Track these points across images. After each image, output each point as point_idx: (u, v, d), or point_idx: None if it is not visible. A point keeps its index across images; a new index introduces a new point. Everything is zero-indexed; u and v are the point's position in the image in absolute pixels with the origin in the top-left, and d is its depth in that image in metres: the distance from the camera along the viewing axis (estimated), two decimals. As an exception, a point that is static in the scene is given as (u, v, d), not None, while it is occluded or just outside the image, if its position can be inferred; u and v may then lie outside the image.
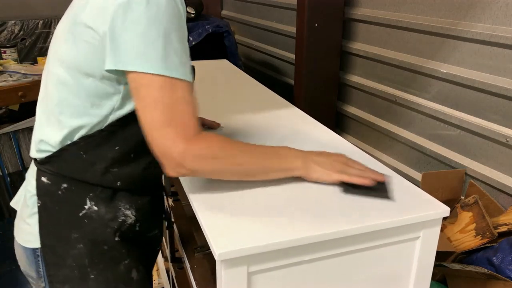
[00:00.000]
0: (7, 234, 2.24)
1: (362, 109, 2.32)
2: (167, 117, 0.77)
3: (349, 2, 2.26)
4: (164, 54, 0.76)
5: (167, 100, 0.77)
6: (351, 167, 0.93)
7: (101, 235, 0.92)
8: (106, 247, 0.93)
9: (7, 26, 2.88)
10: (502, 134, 1.57)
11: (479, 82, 1.63)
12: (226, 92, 1.59)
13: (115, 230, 0.93)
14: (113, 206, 0.93)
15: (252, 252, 0.75)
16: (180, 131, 0.77)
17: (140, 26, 0.75)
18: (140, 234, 0.99)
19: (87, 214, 0.91)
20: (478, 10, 1.62)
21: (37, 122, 0.94)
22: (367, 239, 0.84)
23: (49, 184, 0.91)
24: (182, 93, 0.78)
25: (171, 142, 0.77)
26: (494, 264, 1.38)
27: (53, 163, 0.90)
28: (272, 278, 0.80)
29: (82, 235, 0.91)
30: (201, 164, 0.80)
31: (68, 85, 0.86)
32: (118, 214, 0.93)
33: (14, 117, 2.58)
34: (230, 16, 3.71)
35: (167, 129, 0.77)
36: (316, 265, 0.83)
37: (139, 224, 0.97)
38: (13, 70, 2.45)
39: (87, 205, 0.91)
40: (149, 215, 1.00)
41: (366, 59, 2.22)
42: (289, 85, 2.84)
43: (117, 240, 0.93)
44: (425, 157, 1.94)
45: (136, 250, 0.98)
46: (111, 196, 0.92)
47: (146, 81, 0.76)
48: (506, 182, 1.58)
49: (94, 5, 0.79)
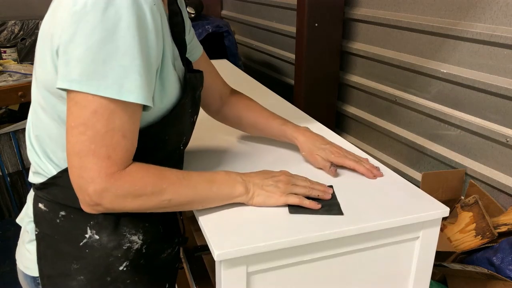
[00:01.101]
0: (7, 234, 2.25)
1: (362, 109, 2.32)
2: (93, 147, 0.68)
3: (349, 2, 2.26)
4: (118, 74, 0.66)
5: (100, 127, 0.68)
6: (296, 185, 0.86)
7: (103, 266, 0.83)
8: (109, 278, 0.84)
9: (7, 26, 2.88)
10: (502, 134, 1.57)
11: (479, 82, 1.62)
12: (226, 92, 1.58)
13: (119, 259, 0.84)
14: (117, 233, 0.83)
15: (251, 253, 0.75)
16: (104, 165, 0.69)
17: (91, 39, 0.65)
18: (150, 257, 0.89)
19: (88, 244, 0.82)
20: (478, 10, 1.62)
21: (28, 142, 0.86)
22: (366, 239, 0.84)
23: (46, 212, 0.83)
24: (121, 124, 0.69)
25: (89, 176, 0.69)
26: (494, 264, 1.38)
27: (49, 190, 0.83)
28: (271, 278, 0.80)
29: (83, 266, 0.83)
30: (122, 203, 0.73)
31: (43, 108, 0.78)
32: (122, 242, 0.83)
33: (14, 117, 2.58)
34: (230, 16, 3.71)
35: (89, 160, 0.68)
36: (315, 265, 0.83)
37: (146, 246, 0.87)
38: (13, 70, 2.45)
39: (88, 233, 0.82)
40: (158, 236, 0.90)
41: (366, 59, 2.22)
42: (289, 85, 2.84)
43: (122, 269, 0.84)
44: (425, 157, 1.94)
45: (145, 278, 0.88)
46: (115, 222, 0.83)
47: (82, 101, 0.67)
48: (506, 182, 1.58)
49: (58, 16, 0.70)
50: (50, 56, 0.72)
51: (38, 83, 0.78)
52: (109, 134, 0.69)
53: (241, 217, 0.82)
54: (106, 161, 0.69)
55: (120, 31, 0.66)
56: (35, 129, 0.82)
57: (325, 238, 0.79)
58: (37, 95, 0.79)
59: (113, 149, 0.69)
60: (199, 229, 0.82)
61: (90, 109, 0.67)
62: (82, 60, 0.66)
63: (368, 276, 0.89)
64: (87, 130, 0.68)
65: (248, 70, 3.05)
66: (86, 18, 0.65)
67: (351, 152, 1.04)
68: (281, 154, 1.10)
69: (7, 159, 2.50)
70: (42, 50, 0.75)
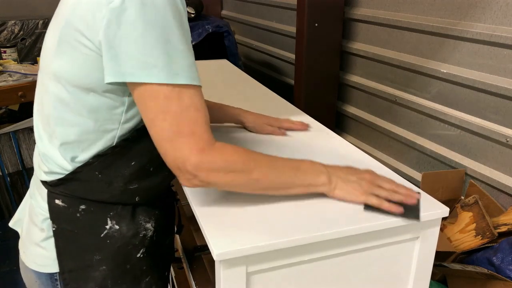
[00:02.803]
0: (7, 234, 2.24)
1: (362, 109, 2.32)
2: (177, 128, 0.72)
3: (349, 2, 2.26)
4: (166, 60, 0.71)
5: (175, 109, 0.72)
6: (380, 187, 0.86)
7: (124, 254, 0.88)
8: (128, 266, 0.89)
9: (7, 26, 2.88)
10: (502, 134, 1.57)
11: (479, 82, 1.62)
12: (226, 92, 1.59)
13: (137, 247, 0.90)
14: (134, 222, 0.89)
15: (250, 252, 0.75)
16: (193, 141, 0.73)
17: (136, 31, 0.69)
18: (158, 244, 0.95)
19: (109, 234, 0.87)
20: (478, 10, 1.62)
21: (38, 140, 0.87)
22: (366, 239, 0.84)
23: (65, 207, 0.85)
24: (190, 100, 0.73)
25: (184, 154, 0.73)
26: (494, 264, 1.38)
27: (67, 185, 0.85)
28: (271, 278, 0.80)
29: (105, 257, 0.87)
30: (215, 177, 0.76)
31: (66, 103, 0.80)
32: (139, 230, 0.89)
33: (14, 117, 2.58)
34: (230, 16, 3.71)
35: (179, 141, 0.73)
36: (315, 265, 0.83)
37: (156, 234, 0.93)
38: (13, 70, 2.45)
39: (108, 224, 0.86)
40: (164, 222, 0.97)
41: (366, 59, 2.22)
42: (289, 85, 2.84)
43: (139, 256, 0.90)
44: (425, 157, 1.94)
45: (156, 264, 0.95)
46: (132, 212, 0.88)
47: (150, 92, 0.72)
48: (506, 182, 1.58)
49: (85, 10, 0.72)
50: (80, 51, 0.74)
51: (57, 78, 0.79)
52: (186, 113, 0.73)
53: (240, 217, 0.82)
54: (193, 137, 0.73)
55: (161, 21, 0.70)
56: (55, 125, 0.83)
57: (325, 238, 0.79)
58: (54, 89, 0.80)
59: (195, 125, 0.73)
60: (199, 229, 0.82)
61: (161, 97, 0.72)
62: (131, 52, 0.70)
63: (368, 276, 0.89)
64: (165, 116, 0.72)
65: (248, 70, 3.05)
66: (126, 13, 0.69)
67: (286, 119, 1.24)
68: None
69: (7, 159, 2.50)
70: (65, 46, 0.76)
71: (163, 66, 0.70)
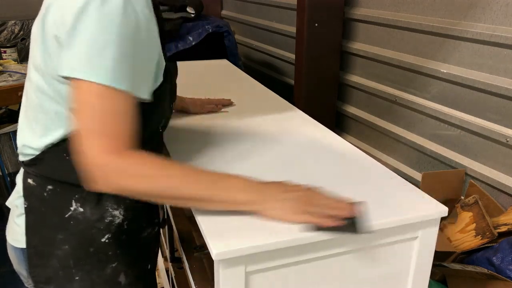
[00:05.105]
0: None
1: (362, 109, 2.32)
2: (98, 126, 0.74)
3: (349, 2, 2.25)
4: (111, 64, 0.73)
5: (104, 109, 0.74)
6: (317, 205, 0.80)
7: (87, 237, 0.90)
8: (92, 248, 0.91)
9: (7, 26, 2.88)
10: (502, 134, 1.57)
11: (479, 82, 1.62)
12: (226, 92, 1.59)
13: (101, 231, 0.91)
14: (99, 207, 0.90)
15: (249, 252, 0.75)
16: (108, 142, 0.74)
17: (90, 32, 0.73)
18: (131, 234, 0.96)
19: (73, 216, 0.89)
20: (478, 10, 1.61)
21: (19, 128, 0.93)
22: (364, 239, 0.84)
23: (34, 186, 0.90)
24: (123, 106, 0.75)
25: (95, 153, 0.74)
26: (494, 264, 1.38)
27: (38, 165, 0.89)
28: (269, 278, 0.80)
29: (68, 237, 0.90)
30: (126, 182, 0.75)
31: (45, 91, 0.84)
32: (105, 215, 0.91)
33: (14, 117, 2.58)
34: (230, 16, 3.71)
35: (95, 139, 0.74)
36: (314, 265, 0.83)
37: (127, 222, 0.94)
38: (13, 70, 2.45)
39: (73, 206, 0.89)
40: (139, 213, 0.97)
41: (366, 59, 2.22)
42: (289, 85, 2.84)
43: (104, 241, 0.91)
44: (425, 157, 1.94)
45: (127, 253, 0.96)
46: (98, 197, 0.90)
47: (86, 87, 0.74)
48: (506, 182, 1.58)
49: (57, 7, 0.77)
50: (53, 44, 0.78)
51: (36, 68, 0.84)
52: (113, 115, 0.75)
53: (239, 217, 0.82)
54: (111, 138, 0.74)
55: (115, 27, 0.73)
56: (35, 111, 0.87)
57: (323, 237, 0.79)
58: (35, 78, 0.85)
59: (117, 129, 0.75)
60: (199, 229, 0.82)
61: (94, 94, 0.74)
62: (82, 51, 0.73)
63: (367, 276, 0.89)
64: (93, 112, 0.74)
65: (248, 70, 3.05)
66: (86, 13, 0.73)
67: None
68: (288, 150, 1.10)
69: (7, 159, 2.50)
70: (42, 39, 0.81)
71: (107, 69, 0.73)
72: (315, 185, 0.85)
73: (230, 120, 1.34)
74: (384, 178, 1.00)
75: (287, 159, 1.08)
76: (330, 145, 1.17)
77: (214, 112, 1.40)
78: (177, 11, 2.74)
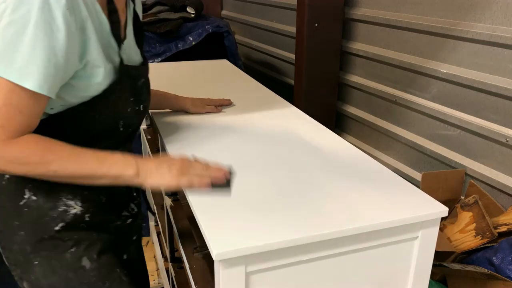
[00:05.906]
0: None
1: (362, 109, 2.32)
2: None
3: (349, 2, 2.26)
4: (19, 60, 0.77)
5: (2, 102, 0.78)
6: (192, 169, 0.89)
7: (40, 224, 0.95)
8: (46, 235, 0.96)
9: None
10: (502, 134, 1.57)
11: (479, 82, 1.62)
12: (226, 92, 1.59)
13: (55, 220, 0.95)
14: (53, 196, 0.95)
15: (250, 252, 0.75)
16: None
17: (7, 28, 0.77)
18: (97, 225, 1.00)
19: (27, 204, 0.94)
20: (478, 10, 1.61)
21: None
22: (365, 239, 0.84)
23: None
24: (18, 101, 0.79)
25: None
26: (494, 264, 1.38)
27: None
28: (270, 278, 0.80)
29: (22, 223, 0.95)
30: (9, 168, 0.82)
31: None
32: (58, 204, 0.95)
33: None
34: (230, 16, 3.71)
35: None
36: (314, 265, 0.83)
37: (90, 215, 0.98)
38: None
39: (26, 195, 0.94)
40: (103, 207, 1.01)
41: (366, 59, 2.22)
42: (289, 85, 2.84)
43: (57, 229, 0.96)
44: (425, 157, 1.94)
45: (88, 239, 0.99)
46: (52, 187, 0.93)
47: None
48: (506, 182, 1.58)
49: None
50: None
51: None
52: (5, 107, 0.79)
53: (240, 217, 0.82)
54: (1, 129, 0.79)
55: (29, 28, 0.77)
56: None
57: (323, 238, 0.79)
58: None
59: (7, 120, 0.79)
60: (199, 229, 0.82)
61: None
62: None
63: (367, 276, 0.89)
64: None
65: (248, 70, 3.05)
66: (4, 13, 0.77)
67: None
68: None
69: None
70: None
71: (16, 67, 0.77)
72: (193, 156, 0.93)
73: (230, 120, 1.34)
74: (384, 178, 1.00)
75: (287, 159, 1.08)
76: (330, 145, 1.17)
77: (214, 112, 1.41)
78: (177, 11, 2.74)
